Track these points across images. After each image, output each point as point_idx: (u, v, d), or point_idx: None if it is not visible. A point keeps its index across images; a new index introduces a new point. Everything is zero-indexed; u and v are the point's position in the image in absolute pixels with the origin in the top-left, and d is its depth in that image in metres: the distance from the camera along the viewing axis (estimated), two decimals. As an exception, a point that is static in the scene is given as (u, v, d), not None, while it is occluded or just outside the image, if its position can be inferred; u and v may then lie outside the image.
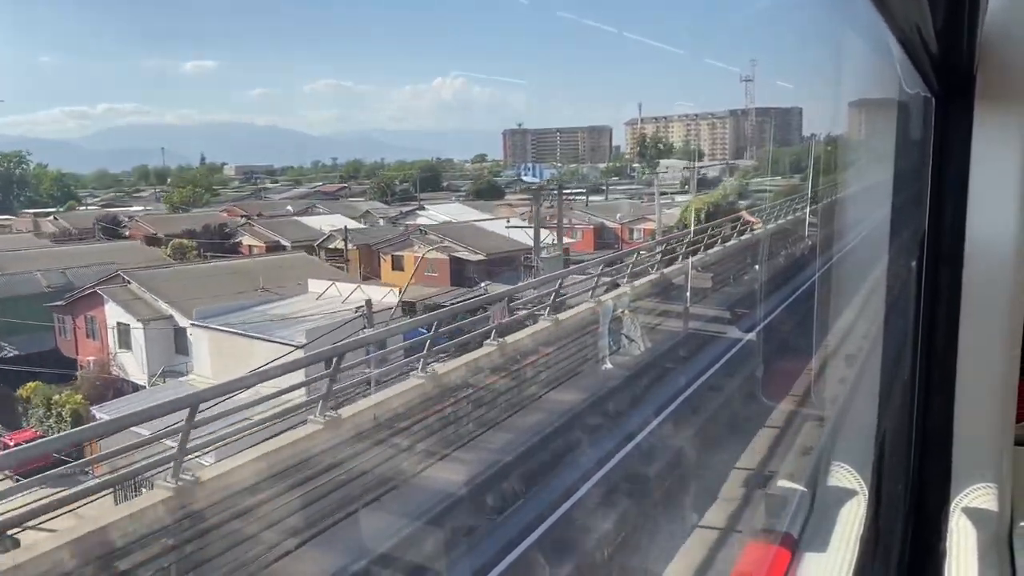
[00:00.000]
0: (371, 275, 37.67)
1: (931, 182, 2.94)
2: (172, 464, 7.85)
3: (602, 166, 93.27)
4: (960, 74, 2.70)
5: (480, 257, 37.03)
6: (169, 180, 76.59)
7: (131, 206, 61.05)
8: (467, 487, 8.97)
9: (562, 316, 14.54)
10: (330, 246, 42.17)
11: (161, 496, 7.75)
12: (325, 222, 47.27)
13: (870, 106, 3.72)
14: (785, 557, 2.60)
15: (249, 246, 44.55)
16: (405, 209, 54.53)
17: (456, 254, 37.28)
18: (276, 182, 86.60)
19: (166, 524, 7.63)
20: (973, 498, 2.89)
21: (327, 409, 9.52)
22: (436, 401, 11.05)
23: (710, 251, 22.12)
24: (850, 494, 2.87)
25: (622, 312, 13.20)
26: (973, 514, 2.86)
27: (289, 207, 57.92)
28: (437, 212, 50.28)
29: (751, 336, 12.91)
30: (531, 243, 31.49)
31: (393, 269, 38.24)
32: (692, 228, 26.16)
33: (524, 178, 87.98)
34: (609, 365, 12.23)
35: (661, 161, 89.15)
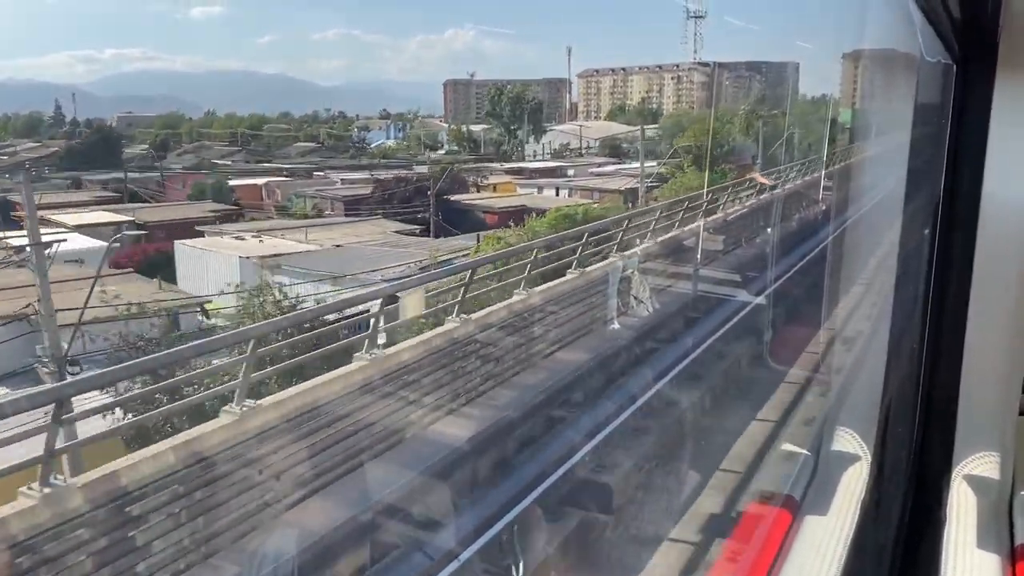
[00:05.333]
0: None
1: (948, 149, 2.90)
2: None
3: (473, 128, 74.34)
4: (983, 40, 2.65)
5: None
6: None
7: None
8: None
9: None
10: None
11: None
12: None
13: (887, 71, 3.66)
14: (786, 519, 2.63)
15: None
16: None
17: None
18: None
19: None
20: (975, 466, 2.91)
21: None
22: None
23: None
24: (853, 459, 2.89)
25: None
26: (974, 482, 2.88)
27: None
28: None
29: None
30: None
31: None
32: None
33: (377, 140, 70.28)
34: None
35: (553, 128, 66.47)
